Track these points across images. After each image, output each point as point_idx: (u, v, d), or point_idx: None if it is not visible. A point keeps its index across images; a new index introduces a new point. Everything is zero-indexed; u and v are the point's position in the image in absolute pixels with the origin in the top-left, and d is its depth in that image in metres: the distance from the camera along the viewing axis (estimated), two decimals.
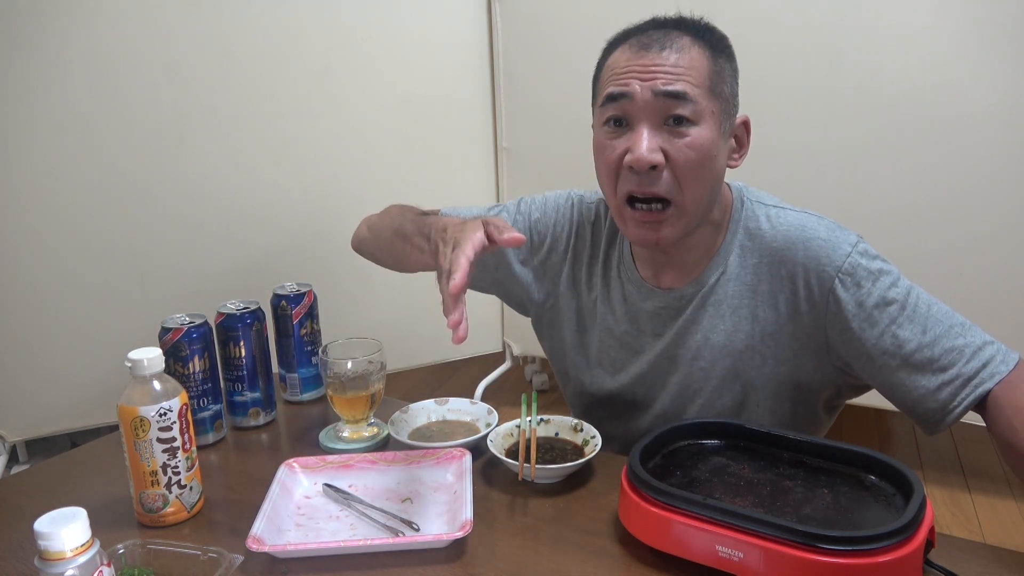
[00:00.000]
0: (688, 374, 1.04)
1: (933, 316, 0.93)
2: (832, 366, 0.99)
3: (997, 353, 0.91)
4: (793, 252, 0.97)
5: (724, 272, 1.01)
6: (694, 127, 0.92)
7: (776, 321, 0.99)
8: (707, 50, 0.93)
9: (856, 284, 0.94)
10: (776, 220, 1.00)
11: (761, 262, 0.99)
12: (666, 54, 0.92)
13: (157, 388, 0.87)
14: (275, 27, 2.11)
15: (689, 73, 0.91)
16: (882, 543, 0.69)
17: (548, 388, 2.81)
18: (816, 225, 0.98)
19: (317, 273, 1.51)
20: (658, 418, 1.08)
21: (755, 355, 1.00)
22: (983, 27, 1.79)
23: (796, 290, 0.97)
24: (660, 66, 0.91)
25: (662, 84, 0.91)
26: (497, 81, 2.42)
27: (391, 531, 0.86)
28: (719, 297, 1.01)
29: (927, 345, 0.92)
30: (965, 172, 1.87)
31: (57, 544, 0.64)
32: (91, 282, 2.04)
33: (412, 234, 1.04)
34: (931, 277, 1.87)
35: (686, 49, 0.92)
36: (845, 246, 0.95)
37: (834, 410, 1.09)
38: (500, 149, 2.48)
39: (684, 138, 0.92)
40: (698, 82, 0.92)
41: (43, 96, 1.92)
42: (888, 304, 0.93)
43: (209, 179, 2.12)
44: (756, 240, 1.00)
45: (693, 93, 0.91)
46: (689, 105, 0.91)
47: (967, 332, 0.92)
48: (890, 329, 0.93)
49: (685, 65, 0.91)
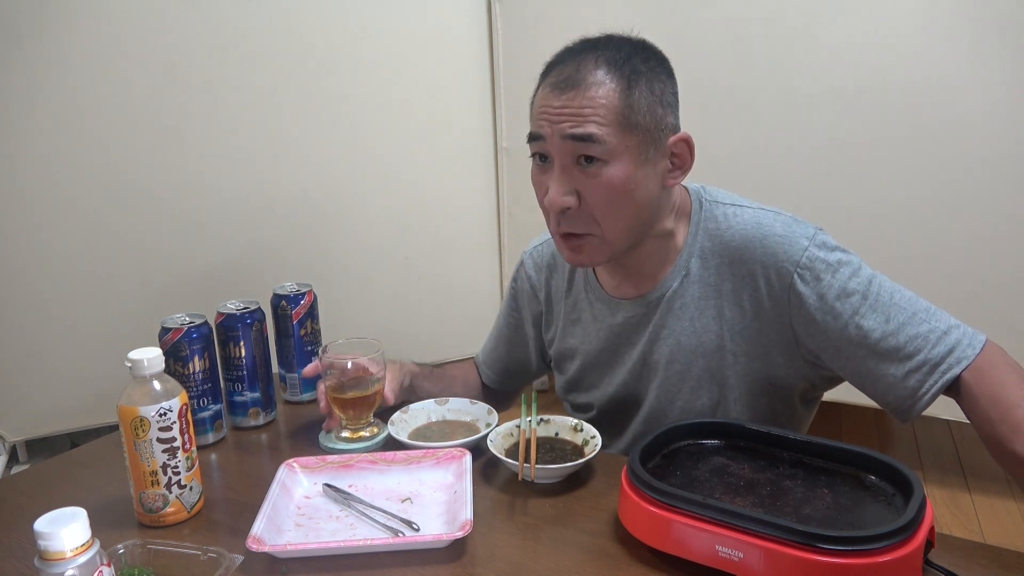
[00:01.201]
0: (666, 378, 1.05)
1: (896, 304, 0.93)
2: (802, 359, 0.99)
3: (963, 337, 0.91)
4: (751, 250, 0.98)
5: (687, 275, 1.02)
6: (606, 166, 0.92)
7: (743, 319, 1.00)
8: (621, 82, 0.91)
9: (815, 277, 0.94)
10: (733, 219, 1.00)
11: (722, 262, 1.00)
12: (573, 94, 0.91)
13: (157, 388, 0.87)
14: (275, 27, 2.11)
15: (597, 113, 0.90)
16: (882, 543, 0.69)
17: (548, 388, 2.81)
18: (772, 221, 0.98)
19: (317, 273, 1.51)
20: (643, 424, 1.09)
21: (726, 354, 1.01)
22: (982, 27, 1.79)
23: (757, 287, 0.98)
24: (567, 108, 0.91)
25: (569, 128, 0.91)
26: (497, 81, 2.42)
27: (391, 531, 0.86)
28: (685, 300, 1.02)
29: (891, 333, 0.92)
30: (965, 172, 1.88)
31: (57, 544, 0.64)
32: (91, 282, 2.05)
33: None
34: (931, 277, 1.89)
35: (596, 86, 0.91)
36: (802, 240, 0.95)
37: (812, 403, 1.10)
38: (500, 149, 2.49)
39: (596, 178, 0.92)
40: (607, 120, 0.90)
41: (43, 95, 1.92)
42: (849, 295, 0.93)
43: (209, 178, 2.12)
44: (716, 240, 1.01)
45: (601, 133, 0.90)
46: (597, 146, 0.91)
47: (932, 318, 0.93)
48: (853, 320, 0.93)
49: (593, 106, 0.90)
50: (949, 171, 1.89)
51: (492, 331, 1.31)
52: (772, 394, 1.02)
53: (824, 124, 1.99)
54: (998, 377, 0.88)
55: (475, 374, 1.33)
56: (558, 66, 0.95)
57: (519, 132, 2.41)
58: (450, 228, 2.48)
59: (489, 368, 1.30)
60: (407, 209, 2.38)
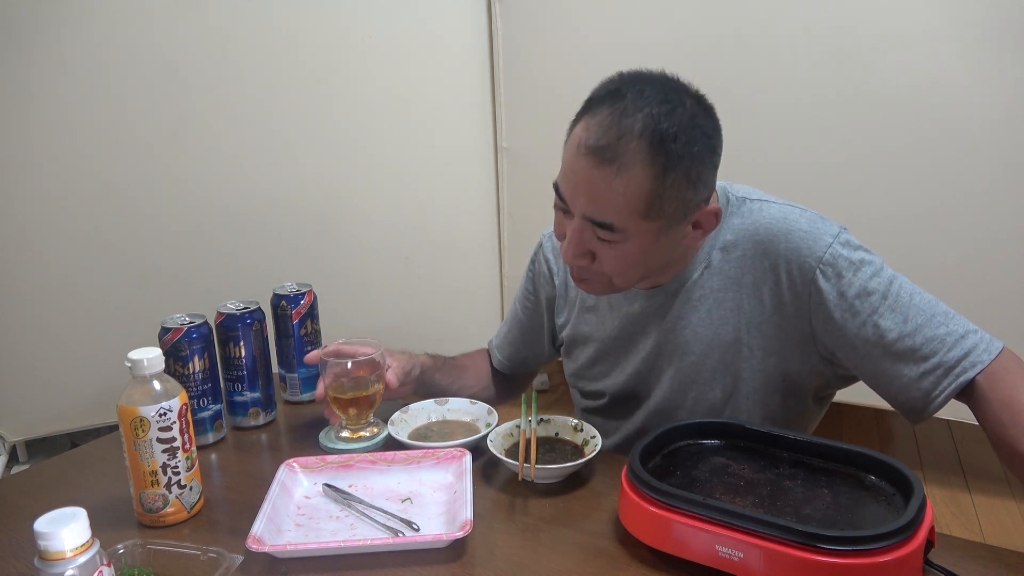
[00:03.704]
0: (680, 368, 1.05)
1: (915, 305, 0.93)
2: (819, 356, 0.99)
3: (980, 342, 0.92)
4: (775, 244, 0.97)
5: (708, 266, 1.02)
6: (622, 245, 0.92)
7: (761, 313, 1.00)
8: (657, 169, 0.86)
9: (837, 275, 0.94)
10: (759, 213, 1.00)
11: (744, 255, 1.00)
12: (602, 172, 0.87)
13: (157, 388, 0.87)
14: (275, 27, 2.11)
15: (623, 203, 0.87)
16: (882, 543, 0.69)
17: (548, 388, 2.81)
18: (798, 217, 0.98)
19: (317, 273, 1.51)
20: (653, 413, 1.09)
21: (743, 347, 1.01)
22: (985, 28, 1.79)
23: (779, 282, 0.98)
24: (594, 186, 0.88)
25: (589, 211, 0.90)
26: (497, 81, 2.42)
27: (391, 531, 0.86)
28: (704, 291, 1.02)
29: (909, 334, 0.92)
30: (966, 173, 1.87)
31: (57, 544, 0.64)
32: (91, 282, 2.05)
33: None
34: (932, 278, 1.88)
35: (630, 168, 0.86)
36: (826, 237, 0.95)
37: (824, 400, 1.10)
38: (500, 149, 2.48)
39: (611, 246, 0.92)
40: (631, 211, 0.88)
41: (42, 96, 1.92)
42: (869, 294, 0.93)
43: (209, 179, 2.12)
44: (739, 233, 1.01)
45: (621, 223, 0.89)
46: (616, 233, 0.90)
47: (949, 321, 0.93)
48: (872, 319, 0.93)
49: (622, 192, 0.87)
50: (954, 174, 1.89)
51: (508, 314, 1.31)
52: (785, 390, 1.02)
53: (827, 126, 1.98)
54: (1012, 381, 0.88)
55: (486, 361, 1.32)
56: (598, 112, 0.88)
57: (519, 132, 2.44)
58: (450, 228, 2.48)
59: (501, 352, 1.30)
60: (407, 209, 2.38)
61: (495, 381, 1.31)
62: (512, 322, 1.29)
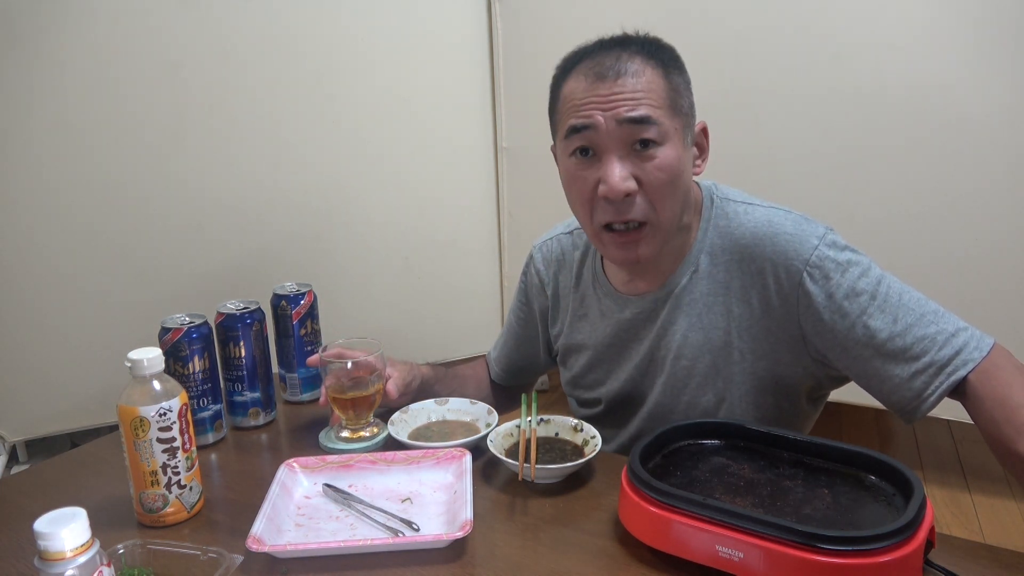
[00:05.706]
0: (672, 374, 1.05)
1: (904, 305, 0.93)
2: (810, 358, 0.99)
3: (970, 339, 0.91)
4: (761, 248, 0.98)
5: (696, 271, 1.02)
6: (661, 148, 0.93)
7: (750, 316, 1.00)
8: (660, 68, 0.94)
9: (824, 276, 0.94)
10: (744, 216, 1.01)
11: (732, 259, 1.00)
12: (623, 80, 0.92)
13: (157, 388, 0.87)
14: (275, 27, 2.11)
15: (649, 96, 0.92)
16: (882, 543, 0.69)
17: (548, 388, 2.81)
18: (783, 219, 0.98)
19: (317, 273, 1.51)
20: (648, 419, 1.09)
21: (733, 351, 1.01)
22: (984, 28, 1.79)
23: (767, 285, 0.98)
24: (619, 94, 0.92)
25: (625, 111, 0.91)
26: (497, 81, 2.42)
27: (391, 531, 0.86)
28: (693, 296, 1.02)
29: (899, 334, 0.92)
30: (966, 173, 1.87)
31: (57, 544, 0.64)
32: (91, 282, 2.05)
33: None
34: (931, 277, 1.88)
35: (641, 72, 0.93)
36: (812, 239, 0.95)
37: (818, 401, 1.10)
38: (500, 149, 2.49)
39: (653, 160, 0.93)
40: (659, 103, 0.93)
41: (42, 96, 1.92)
42: (858, 295, 0.93)
43: (209, 179, 2.12)
44: (726, 237, 1.01)
45: (656, 115, 0.92)
46: (654, 127, 0.92)
47: (939, 320, 0.93)
48: (861, 320, 0.93)
49: (644, 89, 0.92)
50: (953, 174, 1.88)
51: (504, 327, 1.32)
52: (778, 392, 1.02)
53: (827, 126, 1.98)
54: (1004, 379, 0.88)
55: (485, 372, 1.33)
56: (591, 58, 0.95)
57: (519, 132, 2.44)
58: (450, 228, 2.48)
59: (499, 364, 1.31)
60: (407, 209, 2.38)
61: (494, 392, 1.31)
62: (507, 334, 1.30)
